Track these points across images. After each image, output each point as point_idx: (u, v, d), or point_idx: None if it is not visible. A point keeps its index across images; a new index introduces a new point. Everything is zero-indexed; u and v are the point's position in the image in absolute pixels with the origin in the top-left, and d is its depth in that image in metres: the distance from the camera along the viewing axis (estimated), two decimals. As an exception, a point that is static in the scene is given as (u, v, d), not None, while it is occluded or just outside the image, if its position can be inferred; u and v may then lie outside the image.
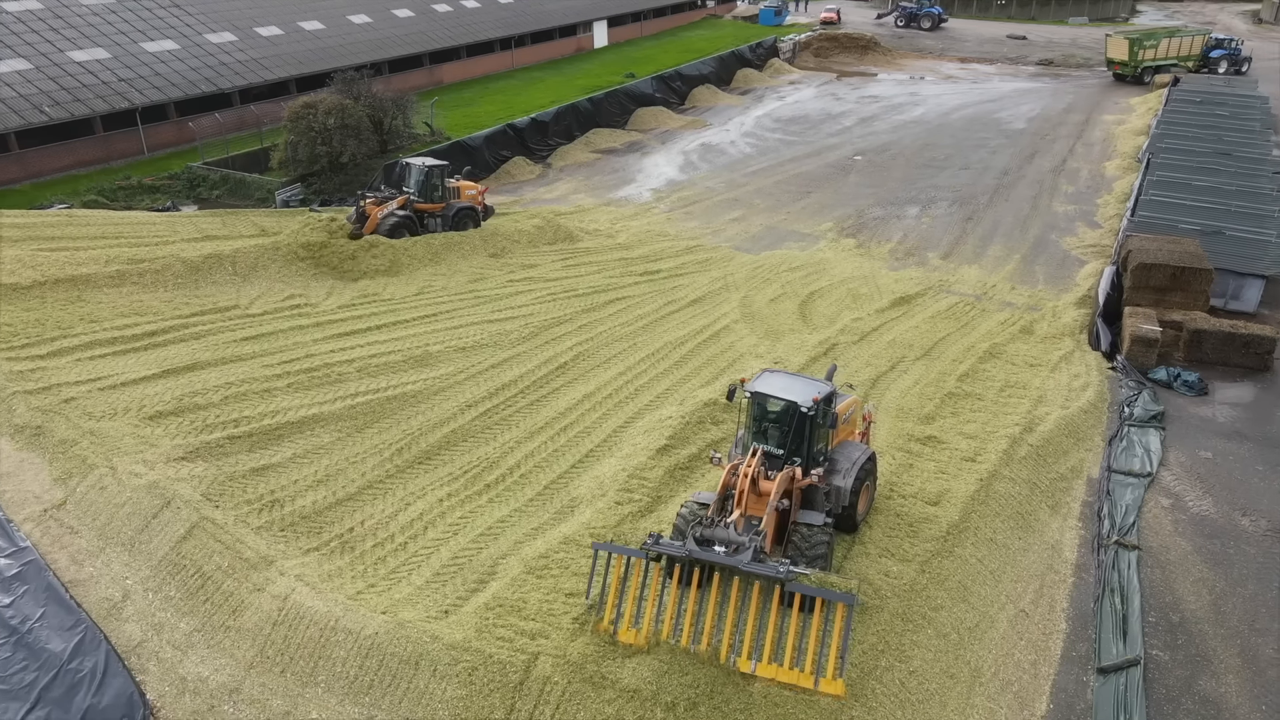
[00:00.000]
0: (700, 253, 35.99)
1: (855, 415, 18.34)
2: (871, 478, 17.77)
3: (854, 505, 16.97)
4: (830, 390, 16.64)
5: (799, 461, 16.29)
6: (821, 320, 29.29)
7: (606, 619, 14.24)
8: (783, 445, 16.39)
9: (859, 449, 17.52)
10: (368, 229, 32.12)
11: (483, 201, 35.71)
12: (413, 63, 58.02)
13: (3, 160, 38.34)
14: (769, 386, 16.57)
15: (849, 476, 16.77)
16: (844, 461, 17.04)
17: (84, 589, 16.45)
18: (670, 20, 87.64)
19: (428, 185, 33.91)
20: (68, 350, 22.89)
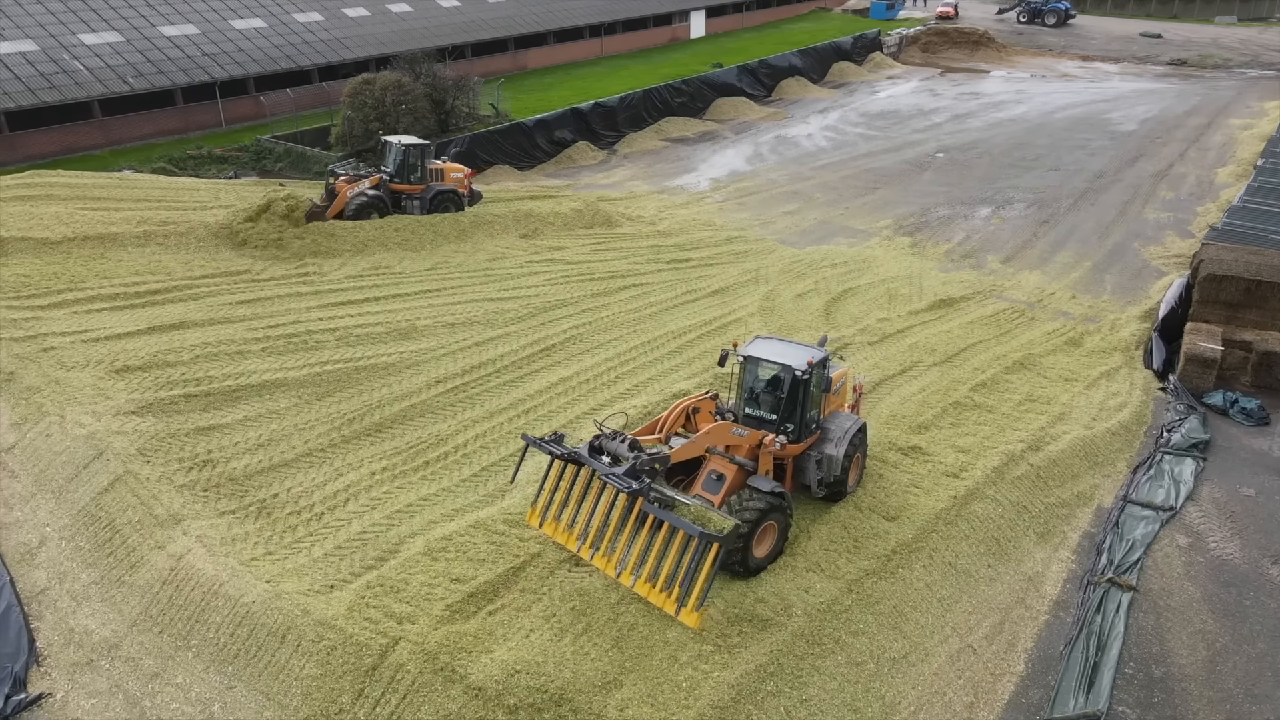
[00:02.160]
0: (740, 244, 34.50)
1: (846, 386, 17.79)
2: (863, 449, 17.40)
3: (845, 473, 16.49)
4: (824, 356, 16.13)
5: (791, 429, 15.84)
6: (845, 319, 27.45)
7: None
8: (775, 411, 15.95)
9: (850, 419, 17.07)
10: (335, 208, 30.91)
11: (469, 186, 34.21)
12: (497, 47, 58.36)
13: (87, 126, 40.41)
14: (762, 351, 16.21)
15: (841, 445, 16.40)
16: (835, 430, 16.64)
17: (6, 532, 16.71)
18: (775, 12, 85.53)
19: (405, 165, 32.32)
20: (69, 303, 23.61)
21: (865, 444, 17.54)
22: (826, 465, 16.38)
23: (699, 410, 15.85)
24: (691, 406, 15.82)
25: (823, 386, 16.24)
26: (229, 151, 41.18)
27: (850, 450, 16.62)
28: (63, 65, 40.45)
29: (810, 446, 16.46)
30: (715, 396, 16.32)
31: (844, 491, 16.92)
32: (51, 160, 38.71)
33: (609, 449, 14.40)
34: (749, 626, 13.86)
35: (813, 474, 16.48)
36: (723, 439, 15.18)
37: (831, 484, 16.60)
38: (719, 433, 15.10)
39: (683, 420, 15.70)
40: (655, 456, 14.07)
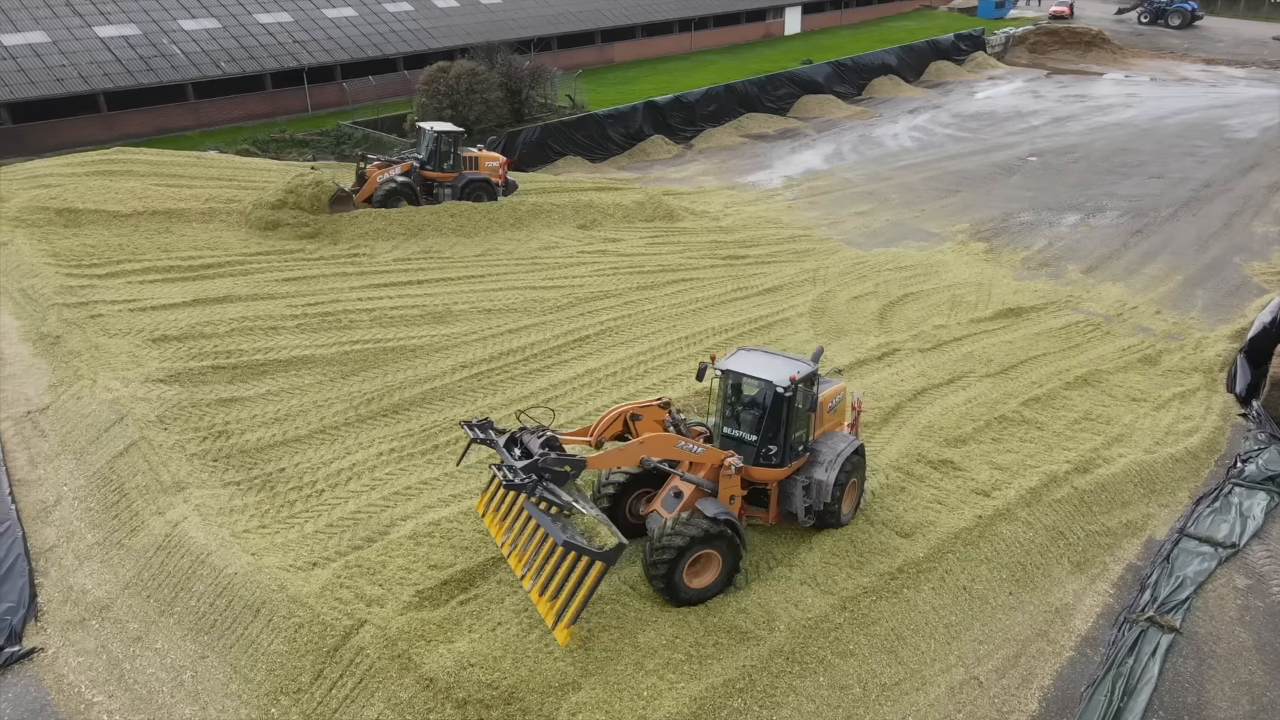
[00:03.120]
0: (803, 243, 33.39)
1: (844, 404, 16.16)
2: (859, 473, 15.70)
3: (837, 501, 14.97)
4: (811, 371, 14.67)
5: (773, 451, 14.51)
6: (900, 324, 26.13)
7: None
8: (756, 431, 14.63)
9: (845, 440, 15.50)
10: (364, 193, 30.68)
11: (504, 175, 33.40)
12: (584, 40, 58.38)
13: (180, 108, 42.14)
14: (742, 365, 14.79)
15: (832, 469, 14.83)
16: (827, 453, 15.08)
17: (27, 488, 17.26)
18: (876, 10, 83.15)
19: (437, 153, 31.69)
20: (124, 273, 24.44)
21: (863, 469, 15.80)
22: (815, 492, 14.79)
23: (640, 418, 14.33)
24: (632, 413, 14.35)
25: (809, 405, 14.51)
26: (310, 136, 42.28)
27: (843, 476, 14.92)
28: (161, 49, 42.26)
29: (798, 471, 14.97)
30: (667, 405, 14.86)
31: (837, 522, 15.29)
32: (145, 140, 40.47)
33: (525, 444, 13.76)
34: (726, 637, 13.09)
35: (799, 501, 14.84)
36: (663, 452, 13.84)
37: (821, 513, 15.03)
38: (658, 444, 13.70)
39: (620, 427, 14.27)
40: (567, 459, 13.12)
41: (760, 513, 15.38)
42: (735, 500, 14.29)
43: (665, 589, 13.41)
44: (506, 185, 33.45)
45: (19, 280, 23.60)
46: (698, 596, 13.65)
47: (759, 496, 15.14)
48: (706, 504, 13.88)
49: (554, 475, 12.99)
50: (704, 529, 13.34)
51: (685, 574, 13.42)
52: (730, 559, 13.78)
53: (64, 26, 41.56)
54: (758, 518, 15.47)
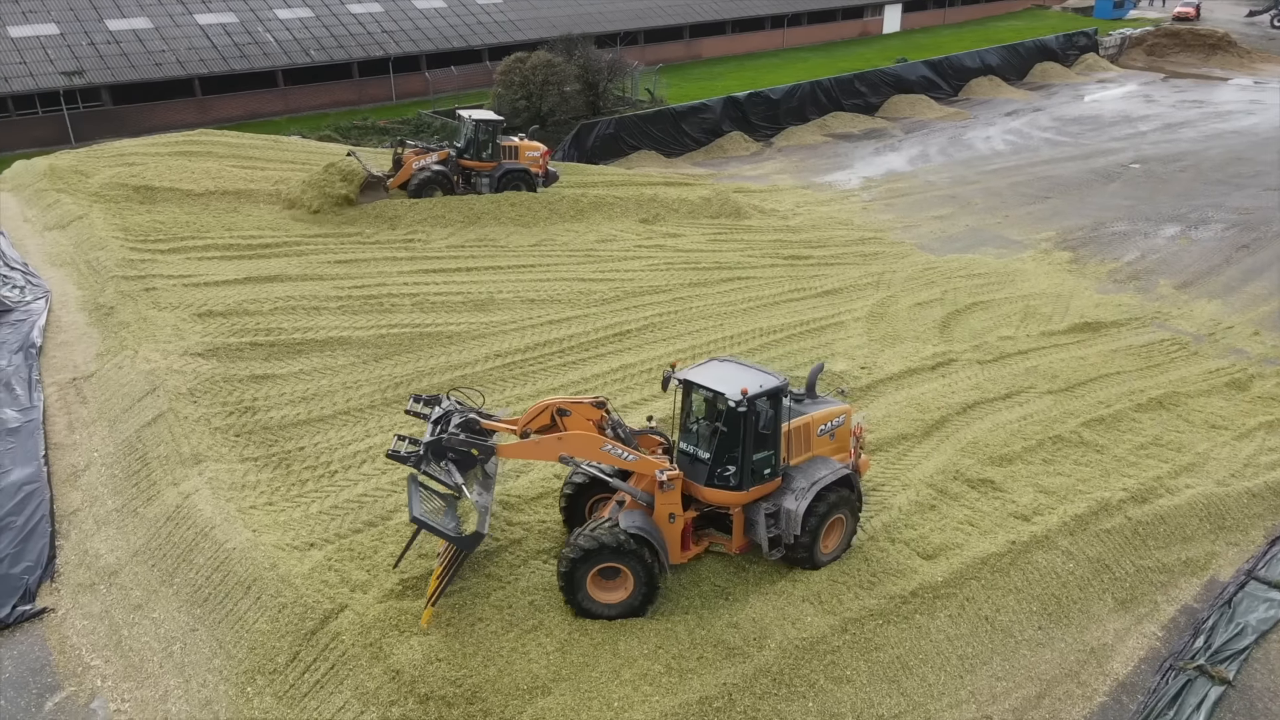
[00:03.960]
0: (872, 246, 32.09)
1: (844, 429, 14.75)
2: (846, 508, 14.05)
3: (811, 535, 13.58)
4: (777, 386, 13.33)
5: (729, 473, 13.31)
6: (962, 333, 24.73)
7: None
8: (710, 448, 13.38)
9: (829, 467, 13.98)
10: (399, 178, 30.24)
11: (544, 166, 32.36)
12: (672, 34, 57.88)
13: (270, 95, 43.47)
14: (703, 376, 13.61)
15: (803, 499, 13.39)
16: (802, 480, 13.71)
17: (62, 452, 17.78)
18: (982, 9, 79.99)
19: (475, 142, 30.78)
20: (186, 249, 25.14)
21: (852, 503, 14.05)
22: (784, 522, 13.46)
23: (568, 413, 13.24)
24: (559, 407, 13.26)
25: (764, 424, 13.04)
26: (391, 124, 43.02)
27: (820, 508, 13.40)
28: (255, 37, 43.66)
29: (767, 497, 13.57)
30: (603, 404, 13.61)
31: (810, 561, 13.75)
32: (235, 124, 41.87)
33: (450, 420, 13.51)
34: (711, 651, 12.38)
35: (762, 530, 13.37)
36: (585, 452, 12.90)
37: (792, 548, 13.56)
38: (579, 443, 12.86)
39: (546, 420, 13.22)
40: (476, 442, 12.86)
41: (726, 539, 14.14)
42: (675, 520, 13.19)
43: (566, 596, 12.79)
44: (547, 176, 32.42)
45: (87, 252, 24.53)
46: (603, 611, 12.77)
47: (724, 521, 14.00)
48: (625, 515, 12.97)
49: (461, 457, 12.86)
50: (606, 541, 12.45)
51: (590, 585, 12.66)
52: (644, 581, 12.68)
53: (166, 13, 43.38)
54: (722, 545, 14.23)
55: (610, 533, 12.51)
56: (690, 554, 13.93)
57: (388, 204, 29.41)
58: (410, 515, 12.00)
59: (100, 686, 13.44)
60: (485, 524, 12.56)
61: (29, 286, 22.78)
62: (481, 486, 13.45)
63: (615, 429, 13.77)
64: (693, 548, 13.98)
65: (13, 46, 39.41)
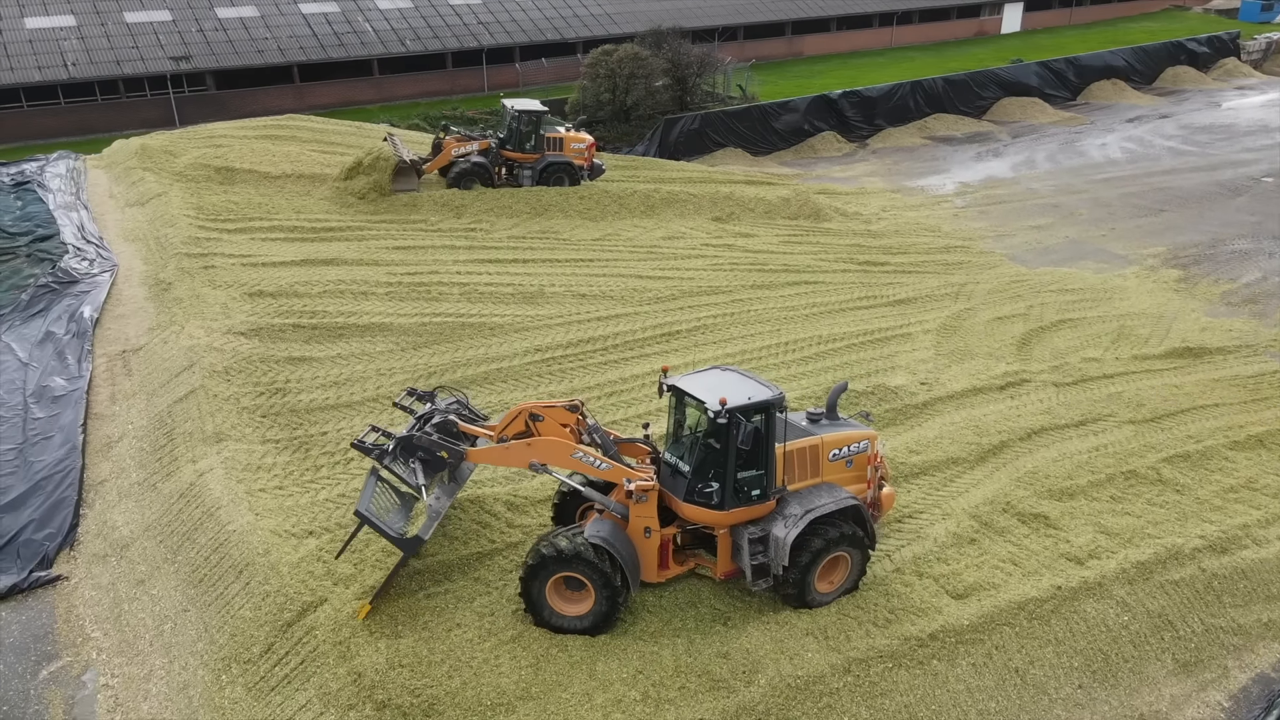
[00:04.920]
0: (958, 254, 30.23)
1: (864, 456, 13.41)
2: (851, 545, 12.54)
3: (801, 571, 12.28)
4: (767, 399, 12.15)
5: (713, 489, 12.26)
6: (1043, 352, 22.84)
7: None
8: (691, 463, 12.40)
9: (833, 495, 12.64)
10: (436, 163, 29.61)
11: (590, 159, 31.13)
12: (773, 30, 56.48)
13: (365, 83, 44.33)
14: (693, 383, 12.67)
15: (794, 527, 12.17)
16: (797, 506, 12.46)
17: (101, 423, 18.13)
18: (1114, 9, 75.28)
19: (516, 132, 29.88)
20: (251, 229, 25.56)
21: (857, 540, 12.56)
22: (772, 550, 12.27)
23: (540, 419, 12.66)
24: (532, 412, 12.67)
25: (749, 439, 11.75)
26: (479, 114, 43.22)
27: (817, 541, 12.09)
28: (355, 26, 44.59)
29: (756, 520, 12.45)
30: (578, 408, 12.91)
31: (800, 598, 12.47)
32: (330, 110, 42.82)
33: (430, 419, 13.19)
34: (695, 682, 11.42)
35: (745, 557, 12.24)
36: (554, 459, 12.35)
37: (781, 580, 12.36)
38: (548, 449, 12.29)
39: (521, 426, 12.69)
40: (446, 444, 12.55)
41: (713, 563, 13.03)
42: (651, 535, 12.27)
43: (526, 605, 12.12)
44: (592, 169, 31.27)
45: (158, 229, 25.22)
46: (565, 624, 12.01)
47: (711, 542, 12.91)
48: (594, 525, 12.19)
49: (430, 458, 12.62)
50: (565, 549, 11.76)
51: (550, 594, 11.97)
52: (604, 596, 11.82)
53: (272, 2, 44.73)
54: (708, 567, 13.16)
55: (571, 541, 11.83)
56: (670, 573, 12.97)
57: (455, 193, 29.31)
58: (356, 509, 11.74)
59: (94, 659, 13.46)
60: (429, 530, 12.04)
61: (99, 260, 23.54)
62: (443, 491, 13.03)
63: (591, 435, 12.97)
64: (673, 567, 13.03)
65: (127, 31, 41.37)
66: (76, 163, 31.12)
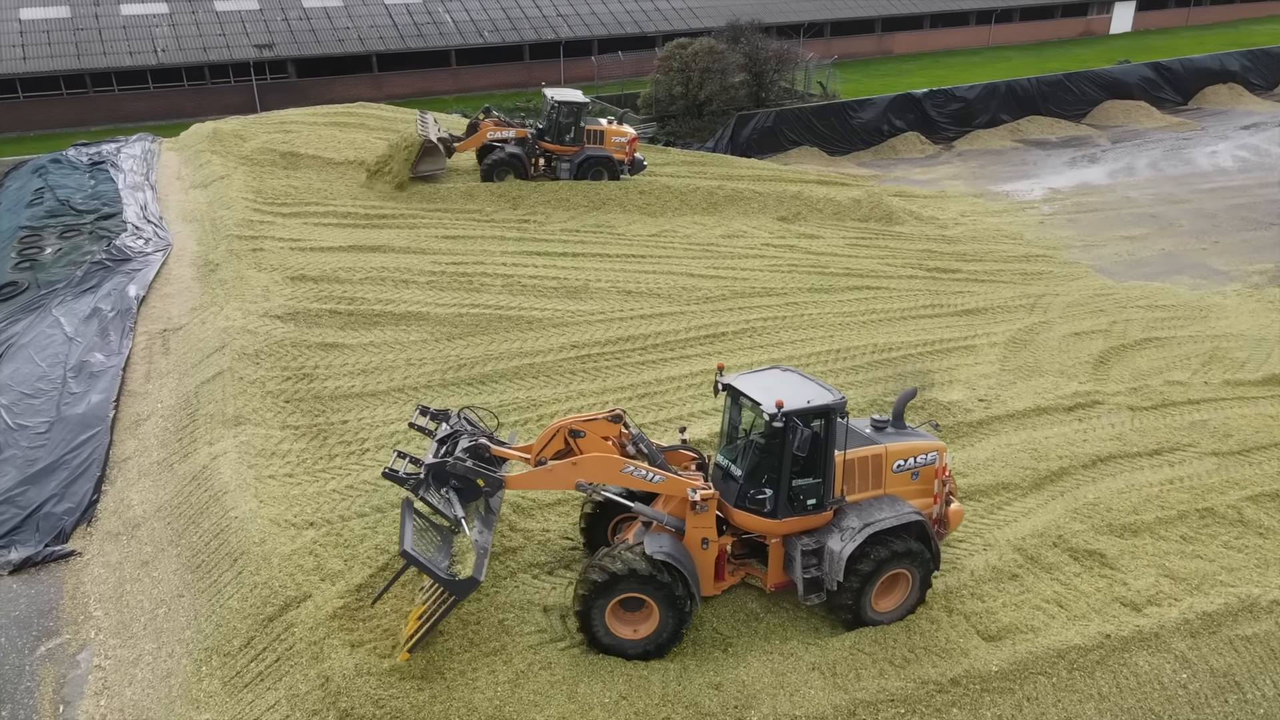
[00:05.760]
0: (1039, 264, 28.33)
1: (931, 469, 12.45)
2: (915, 562, 11.74)
3: (857, 586, 11.49)
4: (827, 404, 11.36)
5: (766, 496, 11.60)
6: (1122, 373, 21.03)
7: None
8: (744, 468, 11.84)
9: (895, 509, 11.82)
10: (468, 143, 28.93)
11: (631, 154, 30.00)
12: (862, 27, 54.65)
13: (442, 74, 44.52)
14: (750, 383, 11.94)
15: (850, 541, 11.42)
16: (856, 519, 11.69)
17: (133, 400, 18.22)
18: (1237, 9, 70.55)
19: (555, 124, 28.92)
20: (306, 214, 25.61)
21: (920, 558, 11.76)
22: (827, 563, 11.57)
23: (581, 434, 11.79)
24: (570, 428, 11.79)
25: (805, 445, 11.00)
26: (553, 107, 42.83)
27: (870, 554, 11.33)
28: (435, 17, 44.82)
29: (810, 531, 11.75)
30: (619, 418, 12.12)
31: (855, 616, 11.71)
32: (405, 101, 43.11)
33: (458, 443, 11.91)
34: (681, 713, 10.51)
35: (798, 570, 11.55)
36: (604, 476, 11.42)
37: (835, 595, 11.62)
38: (596, 466, 11.34)
39: (560, 444, 11.84)
40: (483, 471, 11.25)
41: (763, 573, 12.28)
42: (709, 546, 11.49)
43: (581, 629, 11.20)
44: (633, 164, 30.16)
45: (215, 210, 25.50)
46: (625, 648, 11.15)
47: (763, 551, 12.13)
48: (651, 539, 11.30)
49: (464, 486, 11.33)
50: (631, 567, 10.84)
51: (609, 617, 11.06)
52: (670, 615, 11.07)
53: (358, -8, 45.35)
54: (758, 578, 12.38)
55: (635, 558, 10.94)
56: (724, 585, 12.25)
57: (512, 184, 28.90)
58: (400, 548, 10.35)
59: (92, 639, 13.35)
60: (483, 569, 10.75)
61: (154, 239, 23.90)
62: (482, 523, 11.78)
63: (637, 445, 12.16)
64: (727, 578, 12.27)
65: (216, 19, 42.48)
66: (152, 145, 31.92)
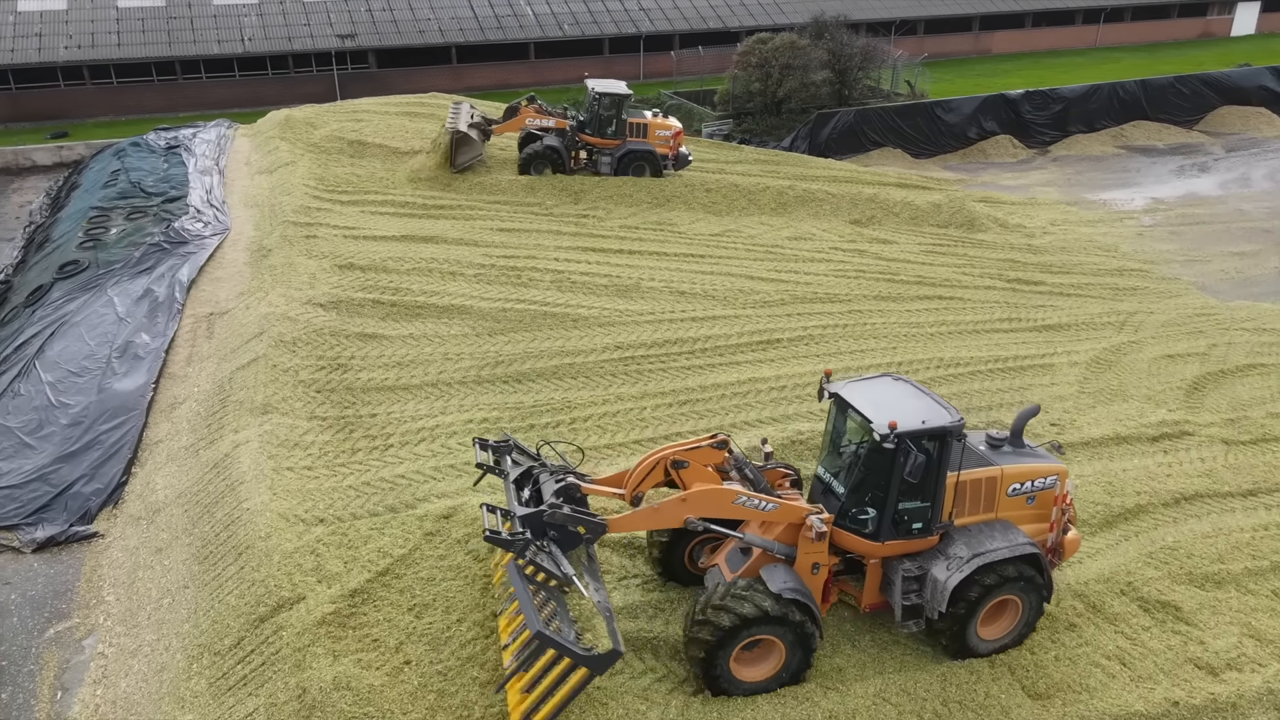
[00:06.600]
0: (1134, 279, 26.26)
1: (1049, 494, 11.38)
2: (1025, 590, 10.88)
3: (961, 617, 10.64)
4: (945, 426, 10.37)
5: (869, 516, 10.76)
6: (1218, 402, 19.13)
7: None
8: (846, 482, 11.04)
9: (1009, 539, 10.86)
10: (506, 126, 28.26)
11: (676, 148, 28.61)
12: (958, 25, 52.34)
13: (521, 66, 44.30)
14: (860, 394, 10.95)
15: (959, 570, 10.57)
16: (964, 547, 10.79)
17: (172, 383, 18.18)
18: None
19: (596, 116, 27.83)
20: (363, 202, 25.45)
21: (1039, 589, 10.97)
22: (929, 591, 10.75)
23: (684, 465, 10.79)
24: (672, 458, 10.78)
25: (917, 470, 10.14)
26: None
27: (977, 583, 10.50)
28: (515, 9, 44.63)
29: (913, 554, 10.95)
30: (723, 444, 11.23)
31: (961, 647, 10.97)
32: (483, 93, 43.00)
33: (540, 485, 10.75)
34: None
35: (897, 594, 10.83)
36: (716, 510, 10.39)
37: (937, 624, 10.85)
38: (708, 500, 10.34)
39: (660, 477, 10.83)
40: (583, 517, 10.04)
41: (856, 591, 11.51)
42: (820, 570, 10.66)
43: (704, 676, 10.26)
44: (677, 159, 28.89)
45: (275, 197, 25.56)
46: (741, 690, 10.31)
47: (858, 567, 11.28)
48: (773, 574, 10.41)
49: (562, 535, 10.09)
50: (762, 608, 10.00)
51: (733, 662, 10.16)
52: (798, 650, 10.34)
53: (440, -17, 45.49)
54: (851, 596, 11.62)
55: (763, 598, 10.08)
56: (827, 607, 11.34)
57: (574, 179, 28.26)
58: (532, 630, 9.03)
59: (100, 624, 13.18)
60: (618, 637, 9.51)
61: (214, 223, 24.04)
62: (590, 576, 10.31)
63: (740, 470, 11.33)
64: (830, 599, 11.43)
65: (302, 9, 43.14)
66: (227, 131, 32.41)
